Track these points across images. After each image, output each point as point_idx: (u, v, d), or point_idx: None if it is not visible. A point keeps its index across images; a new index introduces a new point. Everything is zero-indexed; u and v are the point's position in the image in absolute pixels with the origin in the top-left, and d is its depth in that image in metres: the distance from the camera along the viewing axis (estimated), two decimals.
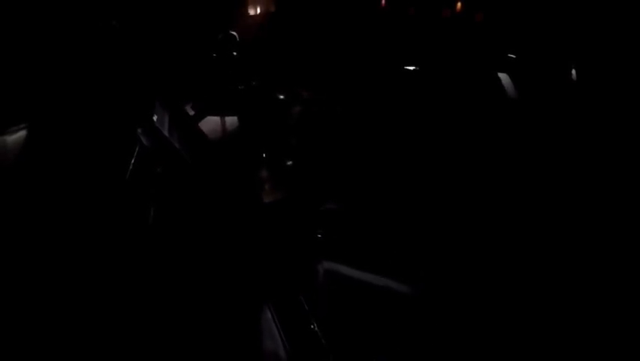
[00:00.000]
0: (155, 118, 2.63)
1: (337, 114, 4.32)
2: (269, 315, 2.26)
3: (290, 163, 3.84)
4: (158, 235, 2.62)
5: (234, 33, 4.61)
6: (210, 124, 4.37)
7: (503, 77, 4.11)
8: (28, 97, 3.26)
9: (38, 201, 2.77)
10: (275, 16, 5.71)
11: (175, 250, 2.57)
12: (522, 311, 2.36)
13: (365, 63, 5.06)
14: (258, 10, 5.67)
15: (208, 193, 2.83)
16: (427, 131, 3.96)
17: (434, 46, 4.99)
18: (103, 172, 2.85)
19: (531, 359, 2.18)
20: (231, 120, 4.50)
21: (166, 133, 2.68)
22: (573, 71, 4.13)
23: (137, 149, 2.68)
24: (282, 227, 2.93)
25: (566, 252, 2.75)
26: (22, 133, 3.09)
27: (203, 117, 4.34)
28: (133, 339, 2.14)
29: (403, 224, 3.03)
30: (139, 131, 2.62)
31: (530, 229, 2.93)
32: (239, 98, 4.51)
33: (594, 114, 3.83)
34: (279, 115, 4.37)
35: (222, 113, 4.48)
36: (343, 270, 2.62)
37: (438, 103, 4.14)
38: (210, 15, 5.07)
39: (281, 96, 4.44)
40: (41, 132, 3.12)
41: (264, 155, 3.95)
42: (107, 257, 2.50)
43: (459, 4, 5.09)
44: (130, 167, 2.67)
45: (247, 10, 5.61)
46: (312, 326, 2.21)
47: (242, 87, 4.55)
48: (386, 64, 4.89)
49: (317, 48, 5.33)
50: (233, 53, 4.58)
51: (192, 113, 4.32)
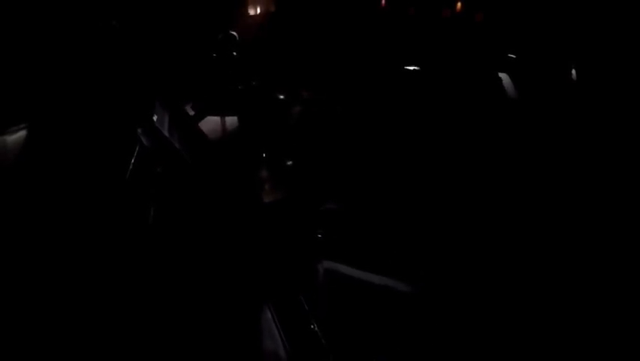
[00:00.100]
0: (155, 118, 2.63)
1: (337, 114, 4.32)
2: (269, 315, 2.26)
3: (290, 163, 3.84)
4: (158, 235, 2.62)
5: (234, 33, 4.61)
6: (210, 124, 4.37)
7: (503, 77, 4.12)
8: (28, 97, 3.26)
9: (38, 201, 2.77)
10: (275, 16, 5.71)
11: (175, 250, 2.57)
12: (522, 311, 2.37)
13: (365, 63, 5.06)
14: (258, 10, 5.67)
15: (208, 193, 2.83)
16: (427, 131, 3.96)
17: (434, 46, 4.99)
18: (103, 172, 2.85)
19: (531, 359, 2.18)
20: (231, 120, 4.50)
21: (166, 133, 2.68)
22: (573, 71, 4.13)
23: (137, 149, 2.68)
24: (282, 227, 2.93)
25: (566, 252, 2.75)
26: (22, 133, 3.09)
27: (203, 117, 4.34)
28: (133, 339, 2.14)
29: (403, 224, 3.03)
30: (139, 131, 2.62)
31: (530, 229, 2.93)
32: (239, 98, 4.51)
33: (594, 114, 3.83)
34: (279, 115, 4.37)
35: (222, 113, 4.48)
36: (343, 270, 2.62)
37: (438, 103, 4.14)
38: (210, 15, 5.07)
39: (281, 96, 4.44)
40: (41, 132, 3.12)
41: (264, 155, 3.95)
42: (107, 257, 2.50)
43: (459, 4, 5.09)
44: (130, 167, 2.67)
45: (247, 10, 5.61)
46: (312, 326, 2.20)
47: (242, 87, 4.55)
48: (386, 64, 4.89)
49: (317, 48, 5.32)
50: (233, 53, 4.58)
51: (192, 113, 4.32)
